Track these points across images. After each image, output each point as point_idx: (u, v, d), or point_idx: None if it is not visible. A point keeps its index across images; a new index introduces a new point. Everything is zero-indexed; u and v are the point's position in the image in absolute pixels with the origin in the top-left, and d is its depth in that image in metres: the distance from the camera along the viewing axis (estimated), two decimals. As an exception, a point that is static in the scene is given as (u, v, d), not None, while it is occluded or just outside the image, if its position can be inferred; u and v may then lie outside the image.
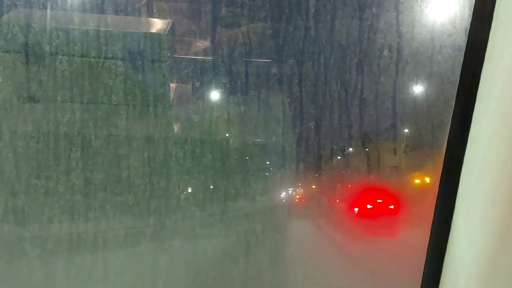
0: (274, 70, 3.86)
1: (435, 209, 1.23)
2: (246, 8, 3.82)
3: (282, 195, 5.85)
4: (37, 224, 3.73)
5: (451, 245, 1.14)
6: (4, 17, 3.71)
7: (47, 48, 3.61)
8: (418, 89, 3.58)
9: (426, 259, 1.24)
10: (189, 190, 4.32)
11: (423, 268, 1.26)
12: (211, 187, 4.23)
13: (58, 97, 3.65)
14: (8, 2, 3.68)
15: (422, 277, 1.26)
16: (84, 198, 3.73)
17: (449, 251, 1.14)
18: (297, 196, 6.48)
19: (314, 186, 6.40)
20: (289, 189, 6.12)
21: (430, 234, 1.24)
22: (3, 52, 3.71)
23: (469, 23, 1.19)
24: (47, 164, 3.63)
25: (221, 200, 4.25)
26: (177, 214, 4.20)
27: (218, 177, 4.16)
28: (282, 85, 3.97)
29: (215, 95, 4.09)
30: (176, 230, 4.30)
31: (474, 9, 1.17)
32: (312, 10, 3.59)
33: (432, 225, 1.23)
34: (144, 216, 3.93)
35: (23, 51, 3.61)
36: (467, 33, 1.20)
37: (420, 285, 1.26)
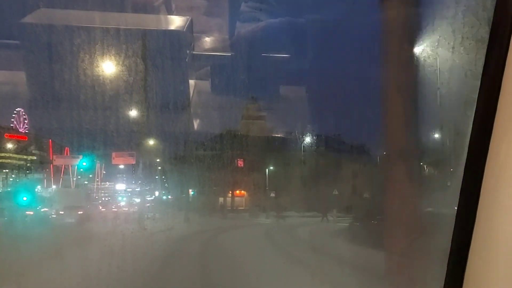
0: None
1: (458, 203, 1.20)
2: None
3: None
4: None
5: (475, 243, 1.11)
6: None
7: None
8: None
9: (449, 258, 1.22)
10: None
11: (446, 266, 1.24)
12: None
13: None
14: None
15: (446, 274, 1.24)
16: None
17: (473, 250, 1.12)
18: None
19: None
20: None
21: (453, 231, 1.21)
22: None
23: (492, 14, 1.16)
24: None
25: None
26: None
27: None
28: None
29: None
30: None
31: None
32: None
33: (455, 222, 1.21)
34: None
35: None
36: (490, 24, 1.17)
37: (443, 283, 1.24)
